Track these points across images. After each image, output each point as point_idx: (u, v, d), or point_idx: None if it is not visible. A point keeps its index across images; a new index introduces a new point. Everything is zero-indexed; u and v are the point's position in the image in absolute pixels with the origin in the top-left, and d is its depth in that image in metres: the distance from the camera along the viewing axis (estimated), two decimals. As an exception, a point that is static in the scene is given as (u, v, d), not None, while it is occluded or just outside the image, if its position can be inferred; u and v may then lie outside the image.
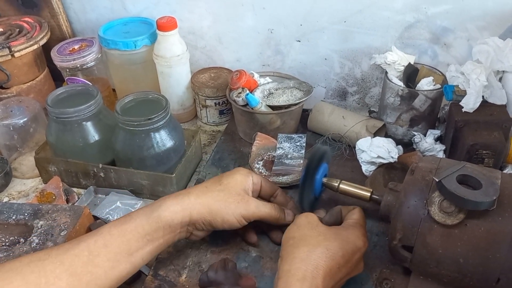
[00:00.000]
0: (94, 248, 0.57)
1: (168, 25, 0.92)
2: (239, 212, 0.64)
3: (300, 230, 0.61)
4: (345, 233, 0.60)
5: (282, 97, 0.92)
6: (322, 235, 0.59)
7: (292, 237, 0.60)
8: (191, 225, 0.63)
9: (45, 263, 0.55)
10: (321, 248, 0.57)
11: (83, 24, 1.09)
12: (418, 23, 0.88)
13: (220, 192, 0.64)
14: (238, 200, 0.65)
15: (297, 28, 0.96)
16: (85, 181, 0.86)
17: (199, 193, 0.64)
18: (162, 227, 0.60)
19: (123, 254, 0.58)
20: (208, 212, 0.63)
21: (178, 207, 0.62)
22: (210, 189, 0.65)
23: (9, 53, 0.95)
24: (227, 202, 0.64)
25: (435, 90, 0.84)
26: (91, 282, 0.56)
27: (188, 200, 0.63)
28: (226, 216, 0.63)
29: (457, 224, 0.55)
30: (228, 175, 0.68)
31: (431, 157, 0.64)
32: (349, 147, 0.89)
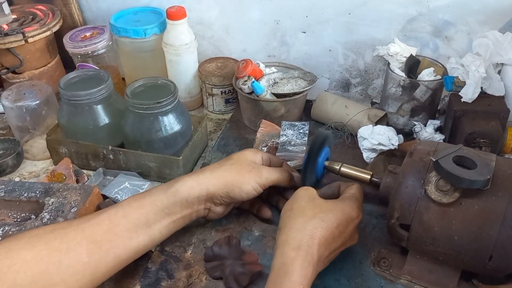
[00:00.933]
0: (114, 218, 0.59)
1: (177, 14, 0.95)
2: (253, 179, 0.67)
3: (298, 202, 0.63)
4: (340, 205, 0.62)
5: (286, 86, 0.95)
6: (318, 207, 0.61)
7: (290, 209, 0.62)
8: (208, 200, 0.66)
9: (67, 230, 0.57)
10: (316, 219, 0.59)
11: (94, 12, 1.12)
12: (420, 16, 0.91)
13: (233, 165, 0.68)
14: (250, 169, 0.68)
15: (302, 19, 0.98)
16: (95, 163, 0.89)
17: (213, 169, 0.68)
18: (179, 202, 0.63)
19: (141, 225, 0.60)
20: (224, 184, 0.66)
21: (194, 182, 0.65)
22: (222, 164, 0.69)
23: (23, 39, 0.98)
24: (241, 172, 0.67)
25: (436, 81, 0.87)
26: (110, 250, 0.58)
27: (203, 175, 0.66)
28: (242, 185, 0.66)
29: (452, 203, 0.57)
30: (238, 152, 0.72)
31: (430, 141, 0.67)
32: (351, 136, 0.92)
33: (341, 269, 0.67)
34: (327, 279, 0.65)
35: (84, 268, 0.56)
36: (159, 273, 0.68)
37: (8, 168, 0.90)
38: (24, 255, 0.54)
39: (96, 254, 0.57)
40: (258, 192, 0.69)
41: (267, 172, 0.69)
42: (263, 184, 0.68)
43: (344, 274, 0.67)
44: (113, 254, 0.58)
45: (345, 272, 0.67)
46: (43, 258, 0.54)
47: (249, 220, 0.76)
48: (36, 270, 0.53)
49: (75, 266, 0.56)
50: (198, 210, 0.67)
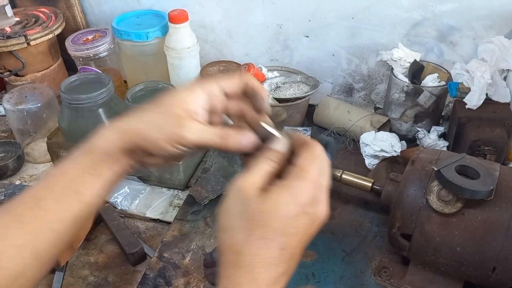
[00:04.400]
0: (39, 192, 0.52)
1: (179, 17, 0.94)
2: (172, 138, 0.49)
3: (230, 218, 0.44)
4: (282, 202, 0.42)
5: (289, 91, 0.94)
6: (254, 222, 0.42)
7: (223, 228, 0.44)
8: (133, 151, 0.52)
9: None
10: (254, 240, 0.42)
11: (97, 15, 1.12)
12: (425, 21, 0.90)
13: (154, 114, 0.51)
14: (172, 123, 0.50)
15: (305, 23, 0.97)
16: (95, 166, 0.88)
17: (135, 117, 0.52)
18: (100, 158, 0.52)
19: (69, 193, 0.52)
20: (141, 137, 0.50)
21: (112, 134, 0.51)
22: (146, 110, 0.52)
23: (25, 41, 0.98)
24: (159, 126, 0.50)
25: (440, 86, 0.85)
26: (41, 226, 0.51)
27: (123, 124, 0.52)
28: (158, 142, 0.50)
29: (454, 213, 0.56)
30: (174, 92, 0.52)
31: (432, 149, 0.66)
32: (353, 141, 0.91)
33: (341, 277, 0.67)
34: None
35: (20, 250, 0.50)
36: (157, 280, 0.67)
37: (9, 171, 0.90)
38: None
39: (28, 234, 0.51)
40: (182, 151, 0.51)
41: (194, 133, 0.49)
42: (185, 145, 0.50)
43: (345, 283, 0.66)
44: (47, 229, 0.51)
45: (346, 281, 0.66)
46: None
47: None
48: None
49: (9, 250, 0.50)
50: (125, 162, 0.52)
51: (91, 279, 0.71)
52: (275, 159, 0.45)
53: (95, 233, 0.78)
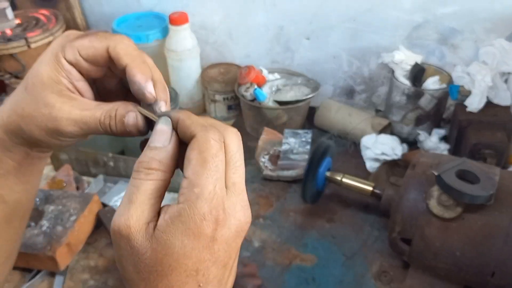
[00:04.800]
0: None
1: (180, 19, 0.94)
2: (50, 133, 0.38)
3: (126, 271, 0.33)
4: (178, 242, 0.31)
5: (289, 93, 0.94)
6: (152, 274, 0.32)
7: (124, 279, 0.34)
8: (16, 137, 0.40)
9: None
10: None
11: (97, 17, 1.12)
12: (426, 23, 0.89)
13: (24, 103, 0.38)
14: (44, 116, 0.38)
15: (307, 25, 0.97)
16: (95, 169, 0.88)
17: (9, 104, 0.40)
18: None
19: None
20: (15, 114, 0.39)
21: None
22: (16, 95, 0.40)
23: (26, 44, 0.98)
24: (32, 119, 0.38)
25: (441, 89, 0.85)
26: None
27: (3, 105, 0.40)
28: (38, 138, 0.39)
29: (454, 218, 0.56)
30: (30, 71, 0.39)
31: (433, 153, 0.66)
32: (354, 145, 0.90)
33: (341, 282, 0.66)
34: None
35: None
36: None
37: (9, 173, 0.90)
38: None
39: None
40: (72, 141, 0.40)
41: (70, 123, 0.37)
42: (65, 137, 0.38)
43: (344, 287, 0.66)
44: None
45: (346, 285, 0.66)
46: None
47: (249, 230, 0.75)
48: None
49: None
50: (26, 152, 0.41)
51: (91, 283, 0.71)
52: (157, 166, 0.32)
53: (95, 237, 0.78)
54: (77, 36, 0.38)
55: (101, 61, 0.37)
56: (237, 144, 0.33)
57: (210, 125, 0.33)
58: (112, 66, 0.37)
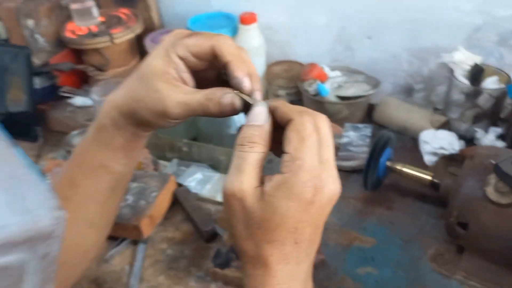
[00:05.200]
0: (71, 172, 0.53)
1: (249, 19, 1.02)
2: (159, 115, 0.45)
3: (235, 228, 0.40)
4: (283, 204, 0.37)
5: (350, 90, 0.99)
6: (261, 229, 0.38)
7: (234, 235, 0.41)
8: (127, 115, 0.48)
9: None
10: (266, 244, 0.38)
11: (171, 16, 1.22)
12: (486, 25, 0.93)
13: (137, 89, 0.47)
14: (154, 100, 0.45)
15: (368, 25, 1.02)
16: (170, 154, 0.97)
17: (124, 89, 0.48)
18: (110, 132, 0.50)
19: (96, 168, 0.52)
20: (131, 98, 0.47)
21: (110, 109, 0.48)
22: (130, 82, 0.48)
23: (110, 40, 1.09)
24: (144, 103, 0.46)
25: (499, 89, 0.88)
26: (84, 200, 0.52)
27: (115, 99, 0.49)
28: (148, 119, 0.46)
29: (510, 204, 0.60)
30: (144, 63, 0.46)
31: (490, 146, 0.69)
32: (412, 140, 0.95)
33: (399, 262, 0.71)
34: (384, 271, 0.70)
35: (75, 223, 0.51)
36: (229, 254, 0.75)
37: (95, 155, 1.00)
38: None
39: (75, 208, 0.52)
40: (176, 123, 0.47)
41: (177, 107, 0.44)
42: (171, 119, 0.46)
43: (402, 268, 0.71)
44: (90, 200, 0.54)
45: (403, 266, 0.71)
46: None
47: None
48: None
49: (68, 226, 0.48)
50: (136, 130, 0.49)
51: (170, 252, 0.80)
52: (258, 140, 0.39)
53: (172, 212, 0.87)
54: (186, 35, 0.44)
55: (205, 57, 0.44)
56: (327, 127, 0.39)
57: (304, 111, 0.39)
58: (215, 61, 0.44)
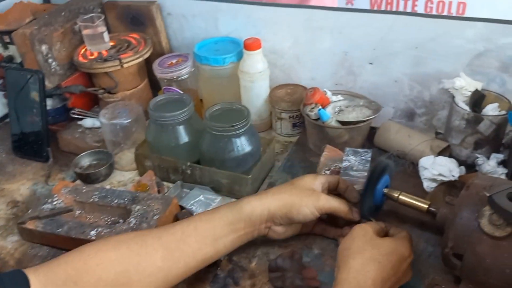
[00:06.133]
0: (187, 230, 0.68)
1: (253, 45, 1.04)
2: (311, 203, 0.73)
3: (355, 242, 0.68)
4: (395, 245, 0.67)
5: (351, 114, 1.00)
6: (376, 248, 0.66)
7: (348, 248, 0.68)
8: (269, 219, 0.73)
9: (146, 237, 0.67)
10: (374, 261, 0.64)
11: (179, 41, 1.25)
12: (488, 52, 0.93)
13: (293, 189, 0.75)
14: (309, 194, 0.75)
15: (371, 51, 1.04)
16: (174, 176, 1.00)
17: (275, 191, 0.76)
18: (243, 219, 0.71)
19: (209, 238, 0.69)
20: (284, 205, 0.73)
21: (257, 202, 0.73)
22: (284, 187, 0.77)
23: (119, 64, 1.12)
24: (300, 195, 0.74)
25: (501, 115, 0.88)
26: (180, 257, 0.67)
27: (266, 196, 0.74)
28: (300, 208, 0.73)
29: (505, 237, 0.60)
30: (298, 178, 0.79)
31: (487, 176, 0.70)
32: (412, 165, 0.95)
33: (394, 291, 0.71)
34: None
35: (158, 271, 0.65)
36: (226, 279, 0.76)
37: (101, 176, 1.03)
38: (109, 256, 0.64)
39: (169, 260, 0.66)
40: (315, 216, 0.75)
41: (325, 199, 0.75)
42: (320, 208, 0.74)
43: (398, 297, 0.71)
44: (183, 261, 0.67)
45: (399, 295, 0.71)
46: (125, 260, 0.64)
47: (310, 238, 0.82)
48: (118, 269, 0.63)
49: (150, 268, 0.65)
50: (259, 228, 0.74)
51: (169, 274, 0.81)
52: (381, 226, 0.73)
53: (173, 235, 0.88)
54: (319, 174, 0.82)
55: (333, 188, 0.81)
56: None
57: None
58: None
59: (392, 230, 0.73)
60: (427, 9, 0.94)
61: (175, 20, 1.22)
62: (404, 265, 0.67)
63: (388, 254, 0.65)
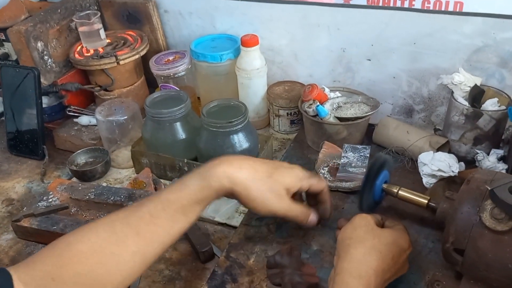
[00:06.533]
0: (155, 211, 0.65)
1: (251, 41, 1.04)
2: (271, 208, 0.71)
3: (357, 231, 0.68)
4: (395, 236, 0.68)
5: (350, 110, 1.00)
6: (377, 238, 0.67)
7: (349, 237, 0.68)
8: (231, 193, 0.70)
9: (114, 223, 0.63)
10: (375, 250, 0.65)
11: (176, 38, 1.24)
12: (486, 47, 0.93)
13: (265, 184, 0.71)
14: (275, 196, 0.71)
15: (368, 48, 1.03)
16: (171, 173, 0.99)
17: (249, 175, 0.70)
18: (211, 194, 0.68)
19: (179, 215, 0.66)
20: (247, 196, 0.69)
21: (226, 180, 0.68)
22: (259, 175, 0.71)
23: (115, 61, 1.12)
24: (266, 195, 0.70)
25: (500, 111, 0.88)
26: (153, 238, 0.64)
27: (237, 177, 0.69)
28: (258, 206, 0.70)
29: (507, 231, 0.59)
30: (283, 172, 0.73)
31: (487, 170, 0.69)
32: (411, 161, 0.94)
33: (394, 287, 0.71)
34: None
35: (134, 256, 0.62)
36: (224, 276, 0.75)
37: (98, 174, 1.02)
38: (80, 248, 0.61)
39: (142, 244, 0.63)
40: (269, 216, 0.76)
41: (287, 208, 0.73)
42: (276, 214, 0.73)
43: (398, 293, 0.70)
44: (157, 241, 0.64)
45: (399, 291, 0.70)
46: (97, 249, 0.61)
47: (308, 235, 0.81)
48: (92, 260, 0.60)
49: (125, 254, 0.62)
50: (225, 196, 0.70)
51: (166, 272, 0.80)
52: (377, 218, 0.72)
53: (170, 233, 0.87)
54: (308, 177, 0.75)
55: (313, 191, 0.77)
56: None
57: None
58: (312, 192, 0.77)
59: (387, 222, 0.73)
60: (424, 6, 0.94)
61: (172, 17, 1.21)
62: (403, 257, 0.67)
63: (389, 244, 0.66)
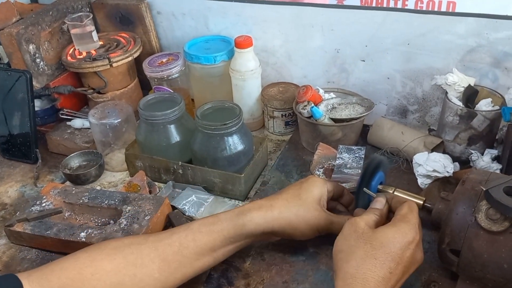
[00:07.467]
0: (185, 241, 0.66)
1: (244, 43, 1.03)
2: (316, 228, 0.72)
3: (347, 241, 0.62)
4: (391, 234, 0.60)
5: (344, 111, 1.00)
6: (368, 243, 0.60)
7: (340, 250, 0.62)
8: (272, 234, 0.72)
9: (142, 247, 0.65)
10: (368, 258, 0.58)
11: (170, 40, 1.23)
12: (479, 47, 0.93)
13: (300, 208, 0.71)
14: (316, 216, 0.72)
15: (362, 48, 1.03)
16: (166, 176, 0.98)
17: (281, 208, 0.71)
18: (245, 234, 0.69)
19: (208, 249, 0.67)
20: (289, 226, 0.71)
21: (262, 221, 0.70)
22: (291, 204, 0.72)
23: (108, 63, 1.11)
24: (306, 218, 0.71)
25: (494, 111, 0.88)
26: (178, 269, 0.65)
27: (272, 214, 0.70)
28: (304, 231, 0.72)
29: (502, 231, 0.59)
30: (306, 189, 0.73)
31: (482, 170, 0.69)
32: (406, 161, 0.95)
33: (391, 289, 0.70)
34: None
35: (155, 283, 0.63)
36: (220, 280, 0.74)
37: (91, 177, 1.01)
38: (105, 266, 0.62)
39: (166, 272, 0.64)
40: (315, 235, 0.74)
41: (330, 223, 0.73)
42: (322, 231, 0.74)
43: (394, 294, 0.70)
44: (180, 272, 0.66)
45: (395, 292, 0.70)
46: (121, 270, 0.62)
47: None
48: (114, 280, 0.61)
49: (147, 280, 0.63)
50: (261, 239, 0.74)
51: (162, 276, 0.79)
52: (378, 213, 0.67)
53: (165, 236, 0.87)
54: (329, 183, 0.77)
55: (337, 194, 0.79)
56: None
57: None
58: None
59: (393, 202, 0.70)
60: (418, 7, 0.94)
61: (165, 19, 1.20)
62: (409, 252, 0.59)
63: (383, 247, 0.58)
